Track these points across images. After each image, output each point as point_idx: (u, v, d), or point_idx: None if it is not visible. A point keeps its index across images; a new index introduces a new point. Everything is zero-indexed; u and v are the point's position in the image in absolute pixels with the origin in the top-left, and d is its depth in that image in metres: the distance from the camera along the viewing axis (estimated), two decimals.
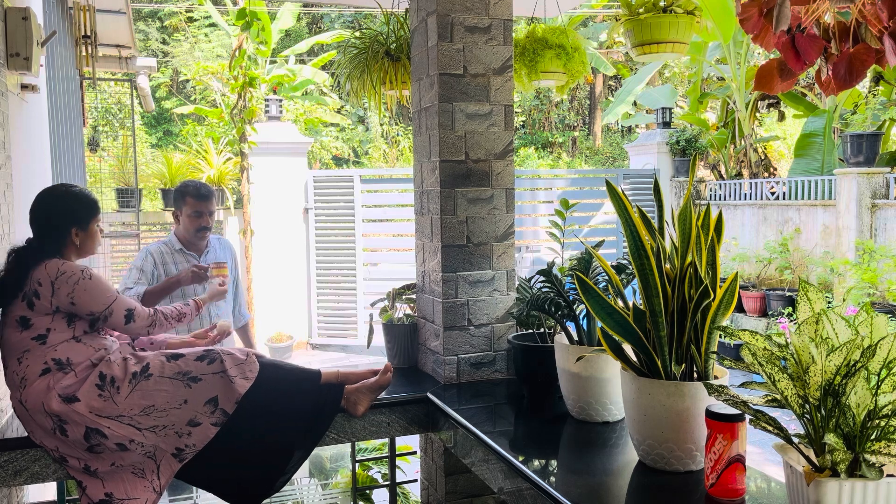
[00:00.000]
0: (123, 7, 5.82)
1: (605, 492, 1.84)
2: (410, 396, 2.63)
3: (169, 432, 2.23)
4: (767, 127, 13.05)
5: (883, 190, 7.72)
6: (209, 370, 2.27)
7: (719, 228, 1.82)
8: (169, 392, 2.23)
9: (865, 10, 1.45)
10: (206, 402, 2.25)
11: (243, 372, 2.29)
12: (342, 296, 9.21)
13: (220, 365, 2.28)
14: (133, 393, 2.20)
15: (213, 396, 2.25)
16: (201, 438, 2.25)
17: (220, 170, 9.25)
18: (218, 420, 2.26)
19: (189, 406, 2.24)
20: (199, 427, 2.24)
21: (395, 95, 3.41)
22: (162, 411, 2.22)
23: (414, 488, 3.45)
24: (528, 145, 18.75)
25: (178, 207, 3.31)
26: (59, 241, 2.33)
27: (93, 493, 2.20)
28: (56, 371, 2.20)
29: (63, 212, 2.34)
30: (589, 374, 2.16)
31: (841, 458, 1.30)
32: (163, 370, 2.25)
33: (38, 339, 2.21)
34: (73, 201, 2.37)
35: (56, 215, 2.34)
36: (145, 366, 2.25)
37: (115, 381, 2.21)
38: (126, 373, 2.22)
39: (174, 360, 2.28)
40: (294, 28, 16.79)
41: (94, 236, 2.40)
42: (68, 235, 2.34)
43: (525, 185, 10.10)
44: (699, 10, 3.16)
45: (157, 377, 2.24)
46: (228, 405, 2.26)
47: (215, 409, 2.25)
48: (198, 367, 2.27)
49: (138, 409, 2.20)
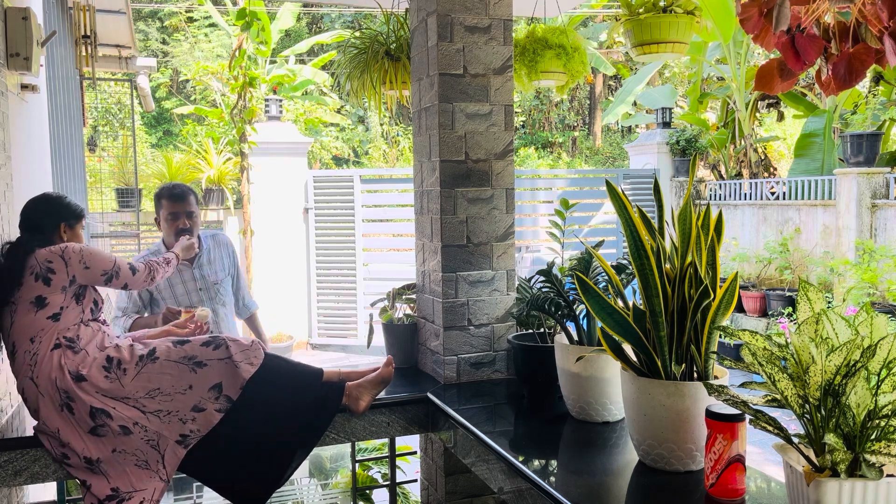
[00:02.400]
0: (123, 7, 5.82)
1: (605, 492, 1.84)
2: (410, 396, 2.63)
3: (173, 419, 2.25)
4: (767, 127, 13.06)
5: (883, 190, 7.72)
6: (214, 356, 2.31)
7: (719, 228, 1.81)
8: (174, 376, 2.28)
9: (865, 10, 1.45)
10: (210, 387, 2.29)
11: (248, 357, 2.33)
12: (342, 296, 9.21)
13: (225, 350, 2.32)
14: (139, 375, 2.26)
15: (217, 382, 2.29)
16: (205, 424, 2.27)
17: (220, 170, 9.25)
18: (222, 406, 2.29)
19: (194, 391, 2.27)
20: (203, 413, 2.27)
21: (395, 95, 3.41)
22: (167, 395, 2.26)
23: (414, 488, 3.45)
24: (528, 145, 18.75)
25: (157, 212, 3.19)
26: (48, 235, 2.45)
27: (98, 490, 2.19)
28: (66, 348, 2.27)
29: (53, 208, 2.51)
30: (589, 374, 2.16)
31: (841, 458, 1.30)
32: (169, 354, 2.31)
33: (52, 318, 2.30)
34: (62, 204, 2.55)
35: (47, 210, 2.50)
36: (152, 350, 2.32)
37: (121, 363, 2.28)
38: (133, 356, 2.30)
39: (180, 346, 2.34)
40: (294, 28, 16.78)
41: (79, 237, 2.54)
42: (57, 230, 2.48)
43: (525, 185, 10.09)
44: (699, 10, 3.16)
45: (164, 361, 2.29)
46: (233, 391, 2.29)
47: (219, 394, 2.29)
48: (203, 353, 2.32)
49: (144, 392, 2.25)
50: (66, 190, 4.94)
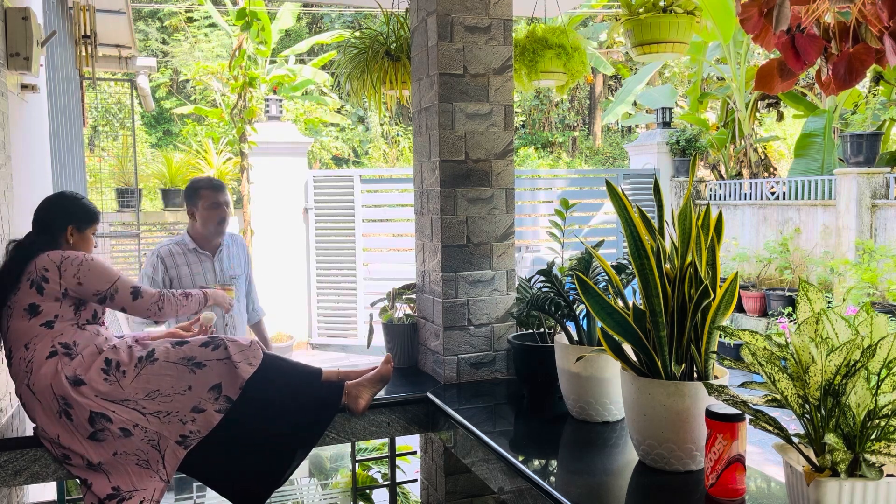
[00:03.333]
0: (123, 7, 5.82)
1: (605, 492, 1.84)
2: (410, 396, 2.63)
3: (173, 419, 2.25)
4: (767, 127, 13.06)
5: (883, 190, 7.72)
6: (213, 356, 2.31)
7: (719, 228, 1.81)
8: (173, 377, 2.27)
9: (865, 10, 1.45)
10: (210, 388, 2.28)
11: (247, 358, 2.32)
12: (342, 296, 9.21)
13: (224, 351, 2.32)
14: (138, 377, 2.25)
15: (217, 383, 2.29)
16: (205, 425, 2.27)
17: (220, 170, 9.25)
18: (222, 407, 2.28)
19: (193, 392, 2.27)
20: (203, 413, 2.27)
21: (395, 95, 3.41)
22: (166, 396, 2.25)
23: (414, 488, 3.45)
24: (528, 145, 18.75)
25: (193, 204, 3.30)
26: (56, 234, 2.41)
27: (99, 490, 2.19)
28: (63, 355, 2.25)
29: (64, 209, 2.46)
30: (589, 374, 2.16)
31: (841, 458, 1.30)
32: (168, 356, 2.30)
33: (45, 325, 2.27)
34: (76, 205, 2.49)
35: (57, 211, 2.45)
36: (150, 351, 2.31)
37: (120, 365, 2.26)
38: (132, 358, 2.28)
39: (179, 347, 2.33)
40: (294, 28, 16.78)
41: (87, 242, 2.49)
42: (65, 232, 2.43)
43: (525, 185, 10.09)
44: (699, 10, 3.16)
45: (163, 362, 2.28)
46: (232, 391, 2.29)
47: (219, 395, 2.28)
48: (202, 353, 2.31)
49: (143, 394, 2.24)
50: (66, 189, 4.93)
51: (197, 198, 3.29)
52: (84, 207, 2.49)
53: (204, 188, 3.30)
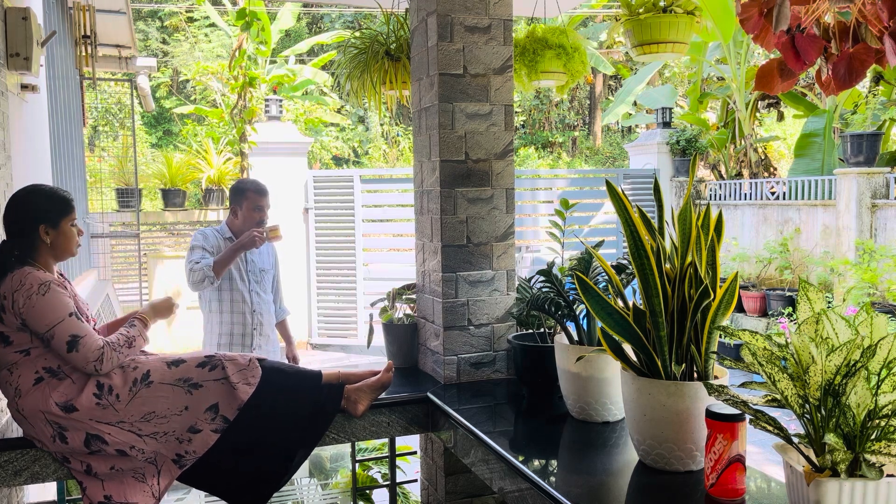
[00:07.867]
0: (123, 7, 5.83)
1: (605, 492, 1.83)
2: (410, 396, 2.63)
3: (170, 438, 2.22)
4: (767, 127, 13.06)
5: (883, 190, 7.72)
6: (210, 377, 2.26)
7: (719, 228, 1.81)
8: (169, 399, 2.22)
9: (865, 10, 1.45)
10: (206, 408, 2.24)
11: (245, 378, 2.28)
12: (342, 296, 9.21)
13: (221, 371, 2.27)
14: (134, 400, 2.19)
15: (213, 403, 2.24)
16: (202, 445, 2.24)
17: (220, 170, 9.25)
18: (218, 427, 2.25)
19: (190, 413, 2.23)
20: (199, 434, 2.23)
21: (395, 95, 3.41)
22: (162, 418, 2.21)
23: (414, 488, 3.45)
24: (528, 145, 18.75)
25: (238, 203, 3.54)
26: (30, 240, 2.21)
27: (92, 494, 2.20)
28: (50, 378, 2.16)
29: (30, 209, 2.22)
30: (589, 374, 2.16)
31: (841, 458, 1.30)
32: (163, 377, 2.23)
33: (21, 353, 2.16)
34: (40, 199, 2.24)
35: (24, 213, 2.21)
36: (146, 373, 2.23)
37: (112, 389, 2.19)
38: (126, 381, 2.21)
39: (175, 367, 2.26)
40: (294, 28, 16.78)
41: (68, 235, 2.27)
42: (37, 234, 2.21)
43: (525, 185, 10.10)
44: (699, 10, 3.16)
45: (158, 384, 2.22)
46: (230, 412, 2.26)
47: (216, 415, 2.24)
48: (199, 374, 2.26)
49: (139, 416, 2.19)
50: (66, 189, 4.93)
51: (242, 198, 3.54)
52: (51, 200, 2.24)
53: (250, 190, 3.55)
